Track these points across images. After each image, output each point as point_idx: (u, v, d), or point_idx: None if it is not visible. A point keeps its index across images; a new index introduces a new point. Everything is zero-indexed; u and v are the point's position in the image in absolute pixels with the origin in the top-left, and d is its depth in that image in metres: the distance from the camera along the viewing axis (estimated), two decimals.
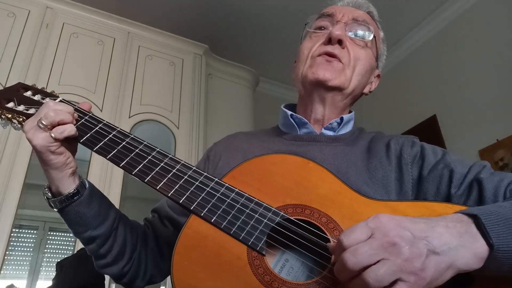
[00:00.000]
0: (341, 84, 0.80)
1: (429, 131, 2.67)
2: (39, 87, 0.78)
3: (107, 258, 0.73)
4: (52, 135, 0.63)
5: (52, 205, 0.68)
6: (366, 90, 0.89)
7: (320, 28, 0.86)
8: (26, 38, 2.23)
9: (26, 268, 2.26)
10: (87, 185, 0.70)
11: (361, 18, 0.86)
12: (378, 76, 0.92)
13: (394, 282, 0.43)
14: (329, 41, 0.81)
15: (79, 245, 1.86)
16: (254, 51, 3.25)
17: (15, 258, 2.24)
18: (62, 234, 2.41)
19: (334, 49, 0.80)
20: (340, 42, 0.80)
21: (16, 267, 2.24)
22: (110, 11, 2.57)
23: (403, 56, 3.08)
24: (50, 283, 1.69)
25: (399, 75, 3.10)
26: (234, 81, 2.98)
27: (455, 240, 0.47)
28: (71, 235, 2.02)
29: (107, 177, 2.09)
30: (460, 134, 2.49)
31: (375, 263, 0.44)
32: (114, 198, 2.07)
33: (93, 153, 0.68)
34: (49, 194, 0.69)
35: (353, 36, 0.83)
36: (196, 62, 2.77)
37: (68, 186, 0.67)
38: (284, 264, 0.59)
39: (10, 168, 1.91)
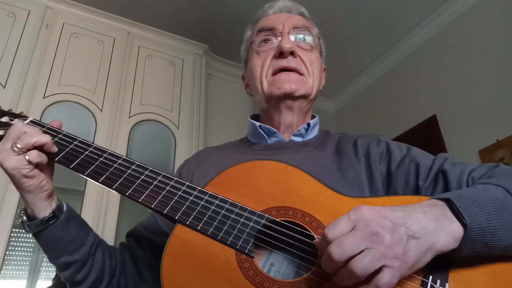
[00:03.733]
0: (306, 92, 0.84)
1: (429, 131, 2.67)
2: (5, 109, 0.76)
3: (83, 284, 0.70)
4: (27, 157, 0.61)
5: (27, 229, 0.66)
6: (320, 87, 0.93)
7: (264, 41, 0.88)
8: (26, 38, 2.23)
9: (26, 268, 2.26)
10: (65, 209, 0.68)
11: (300, 24, 0.89)
12: (325, 69, 0.97)
13: (380, 269, 0.46)
14: (280, 54, 0.84)
15: None
16: None
17: (15, 258, 2.24)
18: None
19: (289, 62, 0.83)
20: (292, 53, 0.84)
21: (16, 267, 2.24)
22: (110, 11, 2.57)
23: (403, 56, 3.08)
24: (50, 283, 1.69)
25: (399, 75, 3.10)
26: (234, 81, 2.98)
27: (432, 224, 0.51)
28: None
29: None
30: (460, 134, 2.49)
31: (359, 253, 0.46)
32: (114, 198, 2.08)
33: None
34: (24, 218, 0.66)
35: (299, 42, 0.87)
36: (196, 62, 2.77)
37: (44, 210, 0.65)
38: (272, 264, 0.60)
39: None
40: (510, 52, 2.29)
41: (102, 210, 2.02)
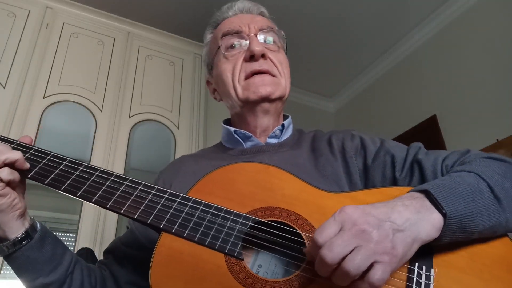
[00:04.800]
0: (281, 94, 0.85)
1: (429, 131, 2.67)
2: None
3: None
4: None
5: None
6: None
7: (231, 46, 0.87)
8: (26, 38, 2.23)
9: None
10: (39, 228, 0.65)
11: (265, 25, 0.89)
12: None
13: (371, 265, 0.47)
14: (251, 57, 0.83)
15: (79, 245, 1.86)
16: None
17: None
18: (62, 234, 2.41)
19: (261, 65, 0.83)
20: (263, 55, 0.83)
21: None
22: (110, 11, 2.57)
23: (403, 56, 3.08)
24: None
25: (399, 75, 3.10)
26: None
27: (414, 215, 0.52)
28: (71, 235, 2.02)
29: None
30: (460, 134, 2.49)
31: (350, 253, 0.47)
32: None
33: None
34: None
35: (266, 44, 0.87)
36: (196, 62, 2.77)
37: (16, 230, 0.61)
38: (260, 265, 0.60)
39: None
40: (510, 52, 2.29)
41: (102, 210, 2.02)
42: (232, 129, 0.87)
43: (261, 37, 0.86)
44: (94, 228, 1.96)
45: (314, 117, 3.56)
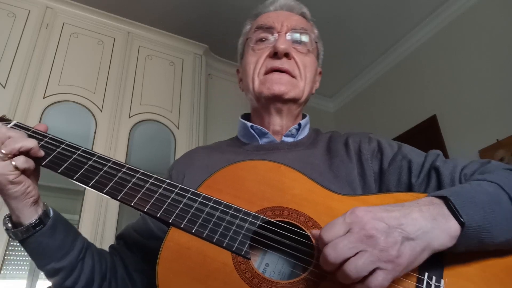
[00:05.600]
0: (296, 96, 0.83)
1: (429, 131, 2.67)
2: None
3: None
4: (13, 163, 0.59)
5: (13, 236, 0.64)
6: (313, 91, 0.92)
7: (261, 40, 0.87)
8: (26, 38, 2.23)
9: (26, 268, 2.26)
10: (51, 214, 0.66)
11: (299, 25, 0.88)
12: (320, 73, 0.96)
13: (373, 271, 0.46)
14: (275, 54, 0.83)
15: None
16: None
17: (15, 258, 2.24)
18: None
19: (283, 63, 0.82)
20: (286, 54, 0.83)
21: (16, 267, 2.24)
22: (110, 11, 2.57)
23: (403, 56, 3.08)
24: (50, 283, 1.69)
25: (399, 75, 3.10)
26: (234, 81, 2.97)
27: (429, 223, 0.51)
28: None
29: None
30: (460, 134, 2.49)
31: (354, 255, 0.46)
32: None
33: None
34: (9, 225, 0.64)
35: (295, 44, 0.86)
36: (196, 62, 2.77)
37: (30, 216, 0.63)
38: (268, 264, 0.60)
39: None
40: (510, 52, 2.29)
41: (102, 210, 2.02)
42: (249, 124, 0.86)
43: (290, 37, 0.85)
44: (94, 228, 1.96)
45: (314, 117, 3.51)
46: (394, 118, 3.02)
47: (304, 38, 0.87)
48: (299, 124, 0.86)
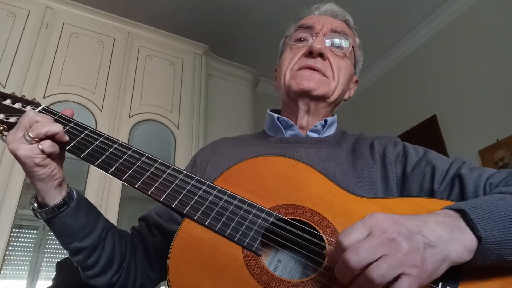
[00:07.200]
0: (325, 93, 0.83)
1: (429, 131, 2.67)
2: (19, 95, 0.76)
3: (94, 269, 0.71)
4: (40, 147, 0.62)
5: (39, 216, 0.67)
6: (346, 97, 0.92)
7: (300, 39, 0.88)
8: (26, 38, 2.23)
9: (26, 268, 2.26)
10: (75, 196, 0.69)
11: (339, 28, 0.88)
12: (356, 81, 0.95)
13: (398, 276, 0.44)
14: (310, 53, 0.83)
15: None
16: (254, 51, 3.25)
17: (15, 258, 2.24)
18: None
19: (316, 62, 0.82)
20: (321, 55, 0.83)
21: (16, 267, 2.24)
22: (110, 11, 2.57)
23: (403, 56, 3.08)
24: (50, 283, 1.68)
25: (399, 75, 3.10)
26: (234, 81, 2.98)
27: (446, 234, 0.49)
28: None
29: (107, 178, 2.09)
30: (460, 134, 2.49)
31: (376, 260, 0.44)
32: (114, 198, 2.07)
33: None
34: (35, 205, 0.67)
35: (333, 47, 0.86)
36: (196, 62, 2.77)
37: (54, 197, 0.65)
38: (278, 262, 0.60)
39: (10, 168, 1.91)
40: (510, 52, 2.29)
41: (102, 210, 2.02)
42: (275, 115, 0.87)
43: (328, 41, 0.85)
44: None
45: None
46: (394, 118, 3.02)
47: (343, 42, 0.87)
48: (325, 121, 0.85)
